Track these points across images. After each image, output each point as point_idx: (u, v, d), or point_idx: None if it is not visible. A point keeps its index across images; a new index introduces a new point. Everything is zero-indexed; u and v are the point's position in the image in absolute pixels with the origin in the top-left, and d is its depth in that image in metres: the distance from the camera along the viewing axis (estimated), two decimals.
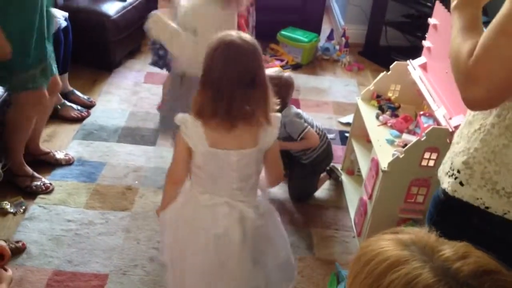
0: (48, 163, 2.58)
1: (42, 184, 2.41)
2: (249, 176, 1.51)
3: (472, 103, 1.06)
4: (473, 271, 0.62)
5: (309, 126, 2.38)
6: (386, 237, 0.71)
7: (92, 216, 2.30)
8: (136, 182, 2.55)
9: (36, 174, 2.44)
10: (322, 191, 2.60)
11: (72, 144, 2.78)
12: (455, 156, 1.20)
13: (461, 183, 1.16)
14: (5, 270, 1.39)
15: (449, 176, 1.19)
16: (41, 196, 2.38)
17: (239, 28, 2.21)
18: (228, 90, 1.38)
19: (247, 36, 1.43)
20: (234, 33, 1.43)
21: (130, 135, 2.91)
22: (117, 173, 2.59)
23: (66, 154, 2.66)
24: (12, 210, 2.26)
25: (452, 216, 1.20)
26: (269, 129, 1.48)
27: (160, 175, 2.60)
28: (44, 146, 2.64)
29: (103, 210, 2.34)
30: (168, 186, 1.63)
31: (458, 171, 1.16)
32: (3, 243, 1.46)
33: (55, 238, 2.16)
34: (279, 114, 1.53)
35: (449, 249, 0.66)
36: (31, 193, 2.38)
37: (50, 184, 2.44)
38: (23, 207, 2.29)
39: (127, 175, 2.59)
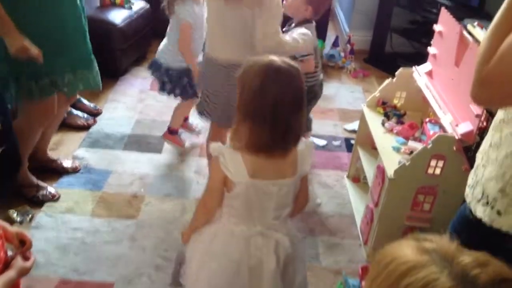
0: (54, 171, 2.59)
1: (48, 192, 2.42)
2: (285, 205, 1.48)
3: (477, 101, 1.13)
4: (491, 278, 0.62)
5: (313, 55, 2.36)
6: (407, 243, 0.71)
7: (98, 224, 2.30)
8: (142, 189, 2.55)
9: (41, 183, 2.44)
10: (328, 199, 2.59)
11: (79, 152, 2.79)
12: (486, 182, 1.15)
13: (498, 212, 1.11)
14: (27, 258, 1.35)
15: (484, 204, 1.14)
16: (48, 204, 2.39)
17: None
18: (285, 117, 1.34)
19: (287, 59, 1.40)
20: (275, 58, 1.39)
21: (136, 142, 2.92)
22: (123, 181, 2.60)
23: (73, 161, 2.67)
24: (18, 219, 2.26)
25: (487, 242, 1.16)
26: (307, 156, 1.46)
27: (166, 183, 2.61)
28: (50, 154, 2.64)
29: (109, 218, 2.35)
30: (200, 215, 1.58)
31: (495, 199, 1.12)
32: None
33: (62, 247, 2.16)
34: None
35: (468, 257, 0.66)
36: (38, 203, 2.38)
37: (56, 192, 2.45)
38: (30, 216, 2.30)
39: (133, 182, 2.59)
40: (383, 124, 2.33)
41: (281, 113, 1.34)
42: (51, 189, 2.45)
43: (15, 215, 2.28)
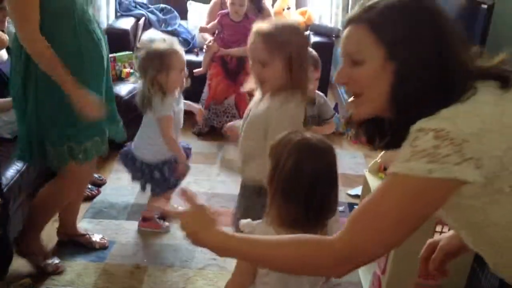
0: (79, 245, 2.56)
1: (54, 263, 2.38)
2: (318, 278, 1.46)
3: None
4: None
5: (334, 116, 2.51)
6: None
7: None
8: (145, 260, 2.52)
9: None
10: None
11: (82, 223, 2.78)
12: None
13: None
14: None
15: None
16: (51, 277, 2.34)
17: None
18: (320, 195, 1.33)
19: (319, 137, 1.40)
20: (308, 135, 1.38)
21: (140, 211, 2.91)
22: (126, 252, 2.57)
23: (102, 237, 2.61)
24: None
25: None
26: (334, 222, 1.45)
27: (169, 252, 2.58)
28: (79, 228, 2.62)
29: None
30: None
31: None
32: None
33: None
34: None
35: None
36: (42, 273, 2.34)
37: (61, 264, 2.41)
38: None
39: (136, 253, 2.57)
40: None
41: (316, 192, 1.32)
42: (56, 260, 2.41)
43: None
